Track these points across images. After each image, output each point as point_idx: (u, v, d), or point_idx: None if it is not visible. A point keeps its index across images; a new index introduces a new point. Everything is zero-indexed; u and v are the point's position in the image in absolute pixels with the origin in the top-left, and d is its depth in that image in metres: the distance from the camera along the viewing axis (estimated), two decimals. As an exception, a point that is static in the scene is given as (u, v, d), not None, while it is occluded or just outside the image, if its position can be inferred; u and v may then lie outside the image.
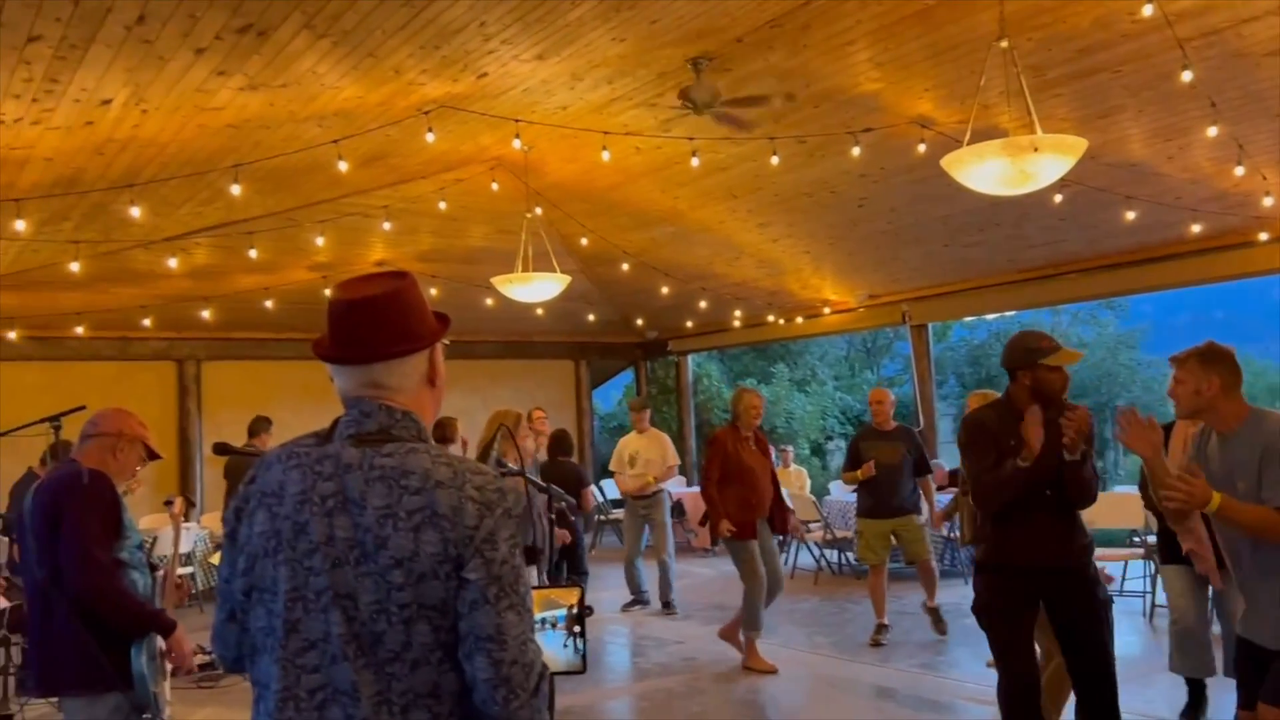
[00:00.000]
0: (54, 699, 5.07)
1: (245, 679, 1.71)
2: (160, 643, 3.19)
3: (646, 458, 8.94)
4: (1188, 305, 35.17)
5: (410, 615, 1.53)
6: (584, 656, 2.38)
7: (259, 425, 9.17)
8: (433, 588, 1.53)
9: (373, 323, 1.66)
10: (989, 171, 4.51)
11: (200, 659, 6.79)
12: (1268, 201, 7.15)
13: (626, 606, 8.73)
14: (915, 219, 8.67)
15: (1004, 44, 4.59)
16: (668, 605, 8.59)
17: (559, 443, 8.19)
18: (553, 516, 3.10)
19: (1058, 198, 7.20)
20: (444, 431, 8.17)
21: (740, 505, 6.48)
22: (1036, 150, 4.34)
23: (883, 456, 7.11)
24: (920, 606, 7.33)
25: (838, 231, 9.31)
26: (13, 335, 9.62)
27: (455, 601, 1.54)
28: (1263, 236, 7.78)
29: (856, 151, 6.86)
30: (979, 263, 9.52)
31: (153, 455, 3.42)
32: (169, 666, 3.31)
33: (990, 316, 15.81)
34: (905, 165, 7.38)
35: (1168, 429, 4.10)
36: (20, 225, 6.34)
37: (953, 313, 11.67)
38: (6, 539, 6.74)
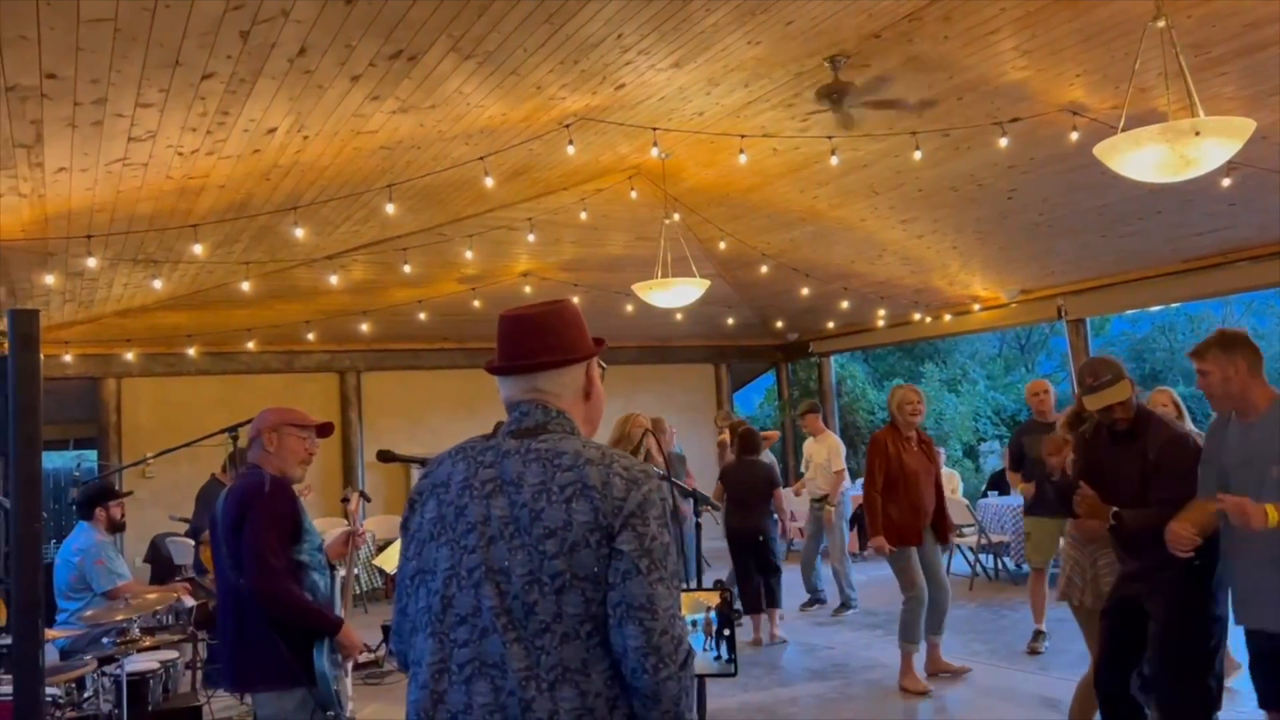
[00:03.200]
0: (242, 692, 5.44)
1: (407, 675, 1.81)
2: (334, 642, 3.38)
3: (818, 462, 8.93)
4: (1380, 290, 32.46)
5: (562, 584, 1.60)
6: (734, 660, 2.40)
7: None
8: (584, 557, 1.60)
9: (534, 335, 1.80)
10: (1146, 158, 4.30)
11: (364, 656, 7.14)
12: None
13: (805, 606, 8.76)
14: (1069, 209, 8.31)
15: (1161, 23, 4.37)
16: (845, 605, 8.58)
17: (746, 442, 8.01)
18: (699, 522, 3.13)
19: (1226, 181, 6.79)
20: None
21: (901, 511, 6.21)
22: (1198, 134, 4.11)
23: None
24: None
25: (986, 225, 9.03)
26: (191, 352, 10.34)
27: (606, 572, 1.61)
28: None
29: (1004, 142, 6.65)
30: (1139, 253, 9.04)
31: (320, 431, 3.61)
32: (348, 664, 3.50)
33: (1153, 309, 15.00)
34: (1056, 154, 7.10)
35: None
36: (198, 249, 6.82)
37: (1112, 306, 11.10)
38: (193, 542, 7.24)
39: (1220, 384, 3.29)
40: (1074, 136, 6.44)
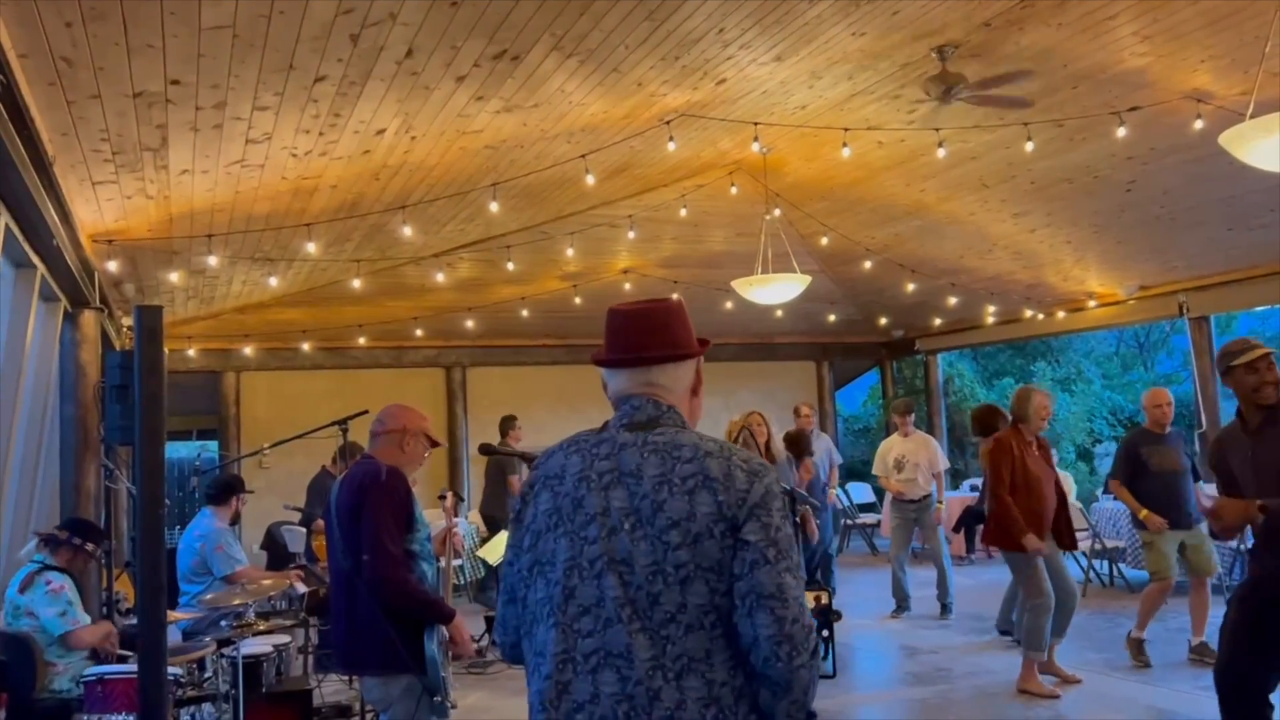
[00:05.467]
0: (350, 677, 5.61)
1: (512, 667, 1.84)
2: (443, 630, 3.46)
3: (914, 461, 8.69)
4: None
5: (687, 574, 1.60)
6: (833, 661, 2.36)
7: (507, 424, 9.72)
8: (708, 548, 1.60)
9: (648, 330, 1.82)
10: (1277, 147, 4.07)
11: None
12: None
13: (894, 614, 8.52)
14: (1192, 202, 7.93)
15: (1296, 3, 4.13)
16: (946, 608, 8.37)
17: (795, 443, 8.01)
18: (797, 520, 3.09)
19: (1367, 169, 6.37)
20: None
21: (1025, 515, 6.03)
22: (1337, 119, 3.87)
23: (1166, 462, 6.54)
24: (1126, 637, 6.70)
25: (1102, 219, 8.68)
26: (305, 347, 10.71)
27: (732, 563, 1.61)
28: None
29: (1122, 132, 6.39)
30: (1269, 246, 8.56)
31: (434, 443, 3.72)
32: (456, 652, 3.58)
33: (1285, 305, 14.20)
34: (1179, 144, 6.78)
35: None
36: (311, 247, 7.05)
37: (1239, 303, 10.54)
38: (305, 530, 7.50)
39: None
40: (1198, 125, 6.14)
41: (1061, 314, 11.13)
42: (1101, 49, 5.75)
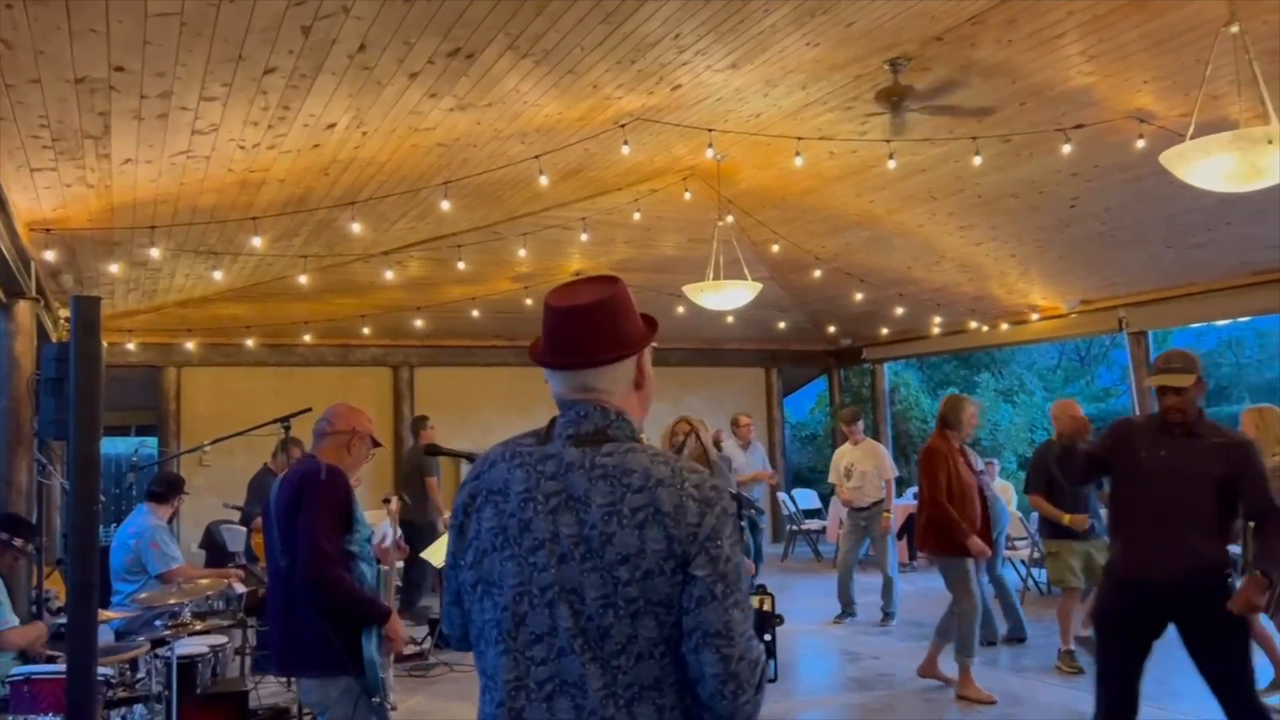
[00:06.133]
0: (288, 679, 5.52)
1: (454, 670, 1.82)
2: (382, 631, 3.41)
3: (862, 469, 8.79)
4: None
5: (637, 610, 1.57)
6: (774, 664, 2.37)
7: (420, 424, 9.56)
8: (658, 584, 1.57)
9: (586, 329, 1.72)
10: (1216, 167, 4.19)
11: (410, 648, 7.20)
12: None
13: (838, 618, 8.62)
14: (1133, 219, 8.13)
15: (1234, 29, 4.26)
16: (888, 615, 8.47)
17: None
18: (743, 525, 3.10)
19: (1299, 192, 6.58)
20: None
21: (969, 520, 6.19)
22: (1271, 143, 3.99)
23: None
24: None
25: (1046, 234, 8.86)
26: (250, 343, 10.53)
27: (680, 597, 1.58)
28: None
29: (1067, 149, 6.52)
30: (1206, 264, 8.81)
31: (375, 444, 3.68)
32: (392, 656, 3.54)
33: (1220, 323, 14.62)
34: (1121, 162, 6.95)
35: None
36: (257, 241, 6.94)
37: (1176, 319, 10.82)
38: (244, 529, 7.37)
39: None
40: (1140, 144, 6.29)
41: (1005, 326, 11.33)
42: (1049, 67, 5.87)
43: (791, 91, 6.26)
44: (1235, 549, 4.36)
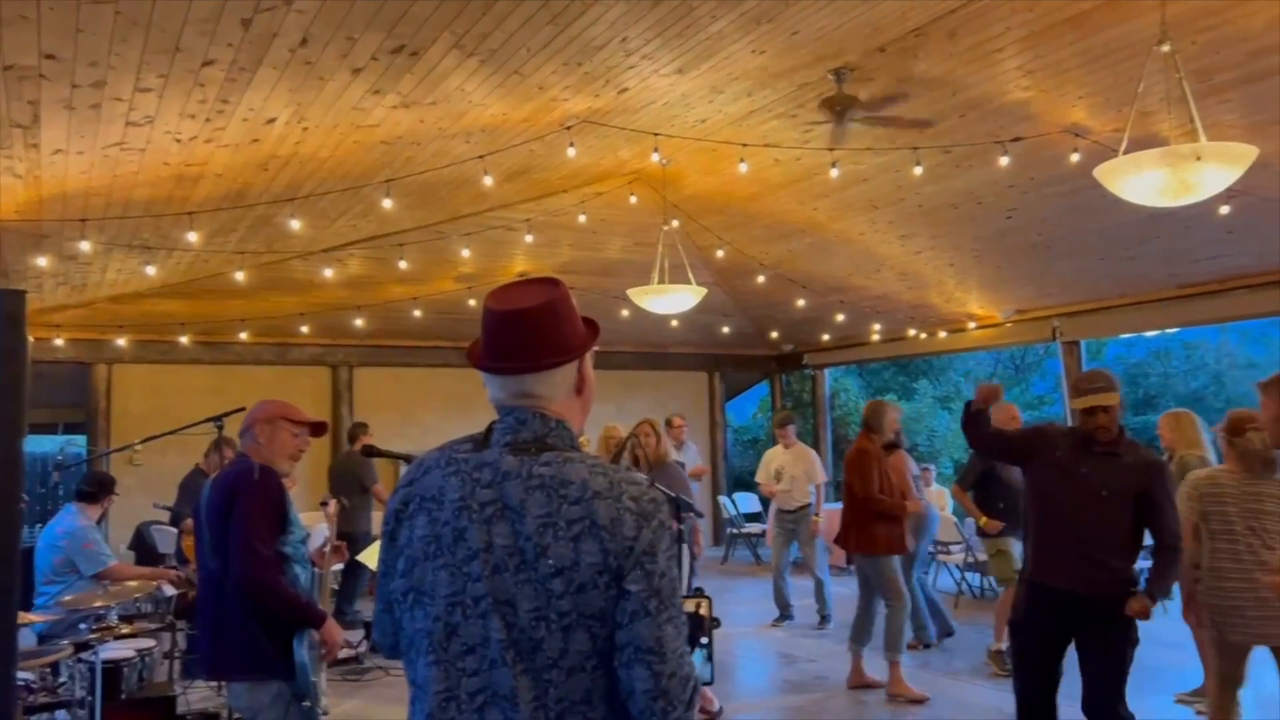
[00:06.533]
0: (218, 683, 5.40)
1: (389, 674, 1.79)
2: (314, 634, 3.36)
3: (792, 473, 8.87)
4: (1375, 324, 32.56)
5: (569, 623, 1.55)
6: (711, 667, 2.38)
7: (359, 430, 9.44)
8: (592, 597, 1.55)
9: (526, 334, 1.69)
10: (1147, 182, 4.30)
11: (346, 652, 7.10)
12: None
13: (776, 622, 8.68)
14: (1067, 231, 8.32)
15: (1165, 48, 4.37)
16: (825, 618, 8.55)
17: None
18: (681, 528, 3.11)
19: (1225, 209, 6.79)
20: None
21: (887, 520, 6.42)
22: (1199, 159, 4.11)
23: (1015, 473, 6.92)
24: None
25: (984, 244, 9.03)
26: (184, 340, 10.30)
27: (614, 611, 1.56)
28: None
29: (1005, 161, 6.65)
30: (1137, 277, 9.05)
31: (316, 430, 3.58)
32: (325, 656, 3.47)
33: (1149, 334, 15.01)
34: (1057, 175, 7.10)
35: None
36: (192, 237, 6.79)
37: (1108, 329, 11.10)
38: (175, 530, 7.21)
39: (1272, 423, 3.32)
40: (1075, 158, 6.44)
41: (943, 334, 11.52)
42: (988, 80, 5.99)
43: (737, 98, 6.30)
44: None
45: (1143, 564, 4.46)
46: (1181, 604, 4.71)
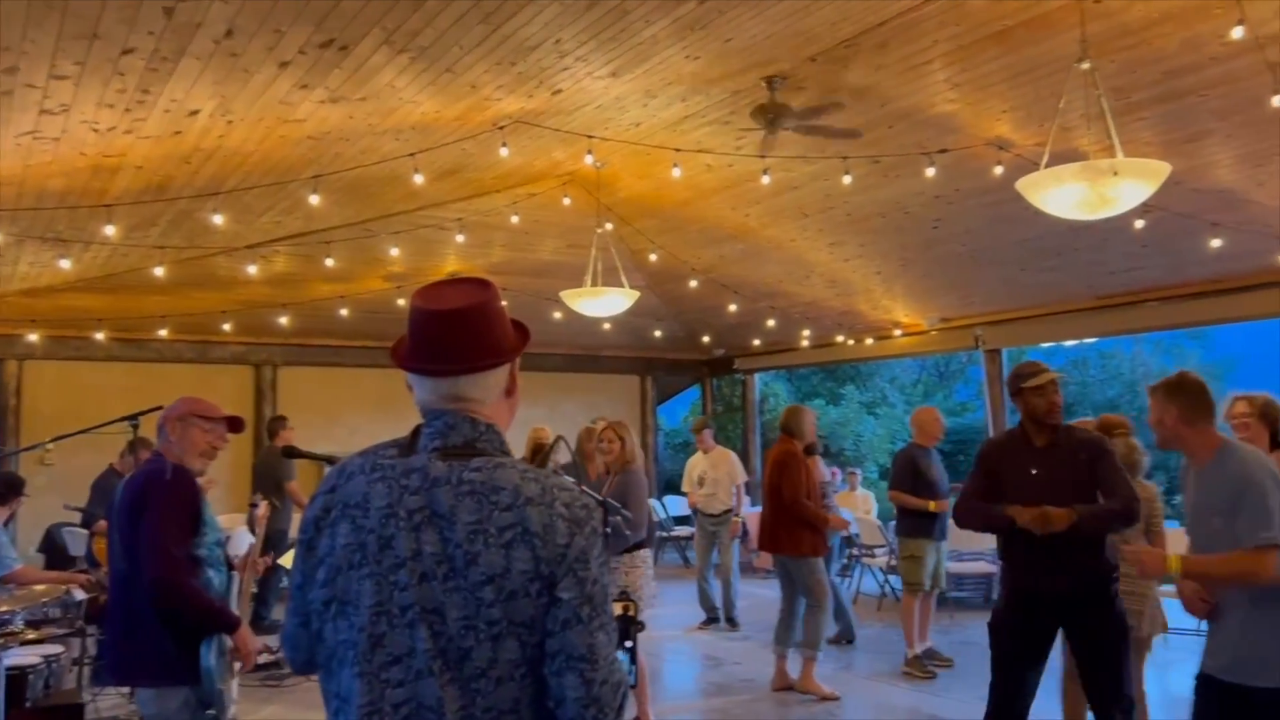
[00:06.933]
0: (127, 689, 5.23)
1: (309, 679, 1.74)
2: (225, 640, 3.27)
3: (714, 477, 8.93)
4: (1277, 338, 33.94)
5: (499, 632, 1.52)
6: (634, 671, 2.37)
7: (278, 425, 9.25)
8: (523, 605, 1.53)
9: (459, 335, 1.65)
10: (1066, 195, 4.42)
11: (265, 657, 6.95)
12: (1364, 231, 6.87)
13: (704, 624, 8.72)
14: (991, 242, 8.51)
15: (1085, 65, 4.50)
16: (731, 620, 8.61)
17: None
18: (608, 530, 3.10)
19: (1140, 223, 7.01)
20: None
21: (819, 520, 6.53)
22: (1116, 174, 4.24)
23: (936, 475, 7.13)
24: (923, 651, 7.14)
25: (910, 253, 9.20)
26: (100, 336, 9.98)
27: (545, 619, 1.54)
28: (1357, 268, 7.48)
29: (931, 172, 6.78)
30: (1056, 288, 9.30)
31: (233, 426, 3.48)
32: (236, 664, 3.38)
33: (1068, 344, 15.45)
34: (981, 187, 7.26)
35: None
36: (110, 230, 6.58)
37: (1028, 338, 11.40)
38: (87, 532, 6.97)
39: (1156, 426, 3.38)
40: (998, 171, 6.59)
41: (870, 341, 11.70)
42: (917, 92, 6.10)
43: (671, 103, 6.32)
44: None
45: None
46: None
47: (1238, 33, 4.63)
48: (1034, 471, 4.08)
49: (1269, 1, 4.68)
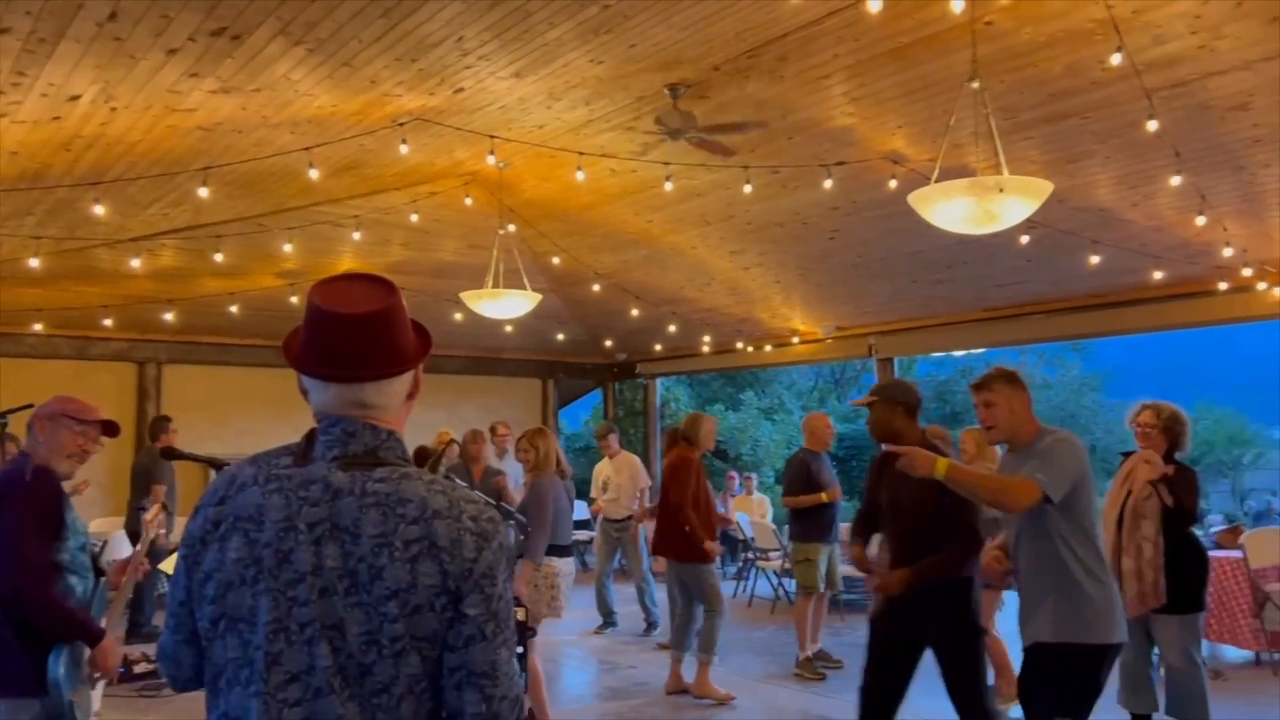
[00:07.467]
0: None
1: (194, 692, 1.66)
2: (81, 650, 3.11)
3: (618, 482, 8.93)
4: (1152, 351, 35.70)
5: (402, 647, 1.49)
6: (524, 677, 2.36)
7: (160, 426, 8.90)
8: (427, 619, 1.49)
9: (365, 341, 1.58)
10: (955, 210, 4.55)
11: (144, 666, 6.68)
12: (1227, 252, 7.27)
13: (599, 629, 8.70)
14: (885, 254, 8.73)
15: (975, 85, 4.64)
16: (651, 625, 8.63)
17: (420, 459, 7.99)
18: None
19: (1025, 239, 7.29)
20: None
21: (708, 528, 6.53)
22: (1001, 191, 4.39)
23: (828, 479, 7.28)
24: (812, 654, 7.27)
25: (808, 262, 9.37)
26: (-31, 329, 9.47)
27: (448, 633, 1.51)
28: (1222, 286, 7.91)
29: (829, 184, 6.92)
30: (946, 300, 9.60)
31: (108, 430, 3.30)
32: (97, 676, 3.22)
33: (958, 354, 15.96)
34: (876, 200, 7.44)
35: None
36: (-19, 218, 6.26)
37: (919, 348, 11.75)
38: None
39: (1006, 416, 3.52)
40: (893, 184, 6.76)
41: (769, 347, 11.88)
42: (816, 105, 6.22)
43: (575, 106, 6.31)
44: None
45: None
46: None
47: (1117, 59, 4.84)
48: (891, 485, 4.20)
49: (1146, 30, 4.92)
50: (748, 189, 7.17)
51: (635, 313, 11.11)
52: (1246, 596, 7.17)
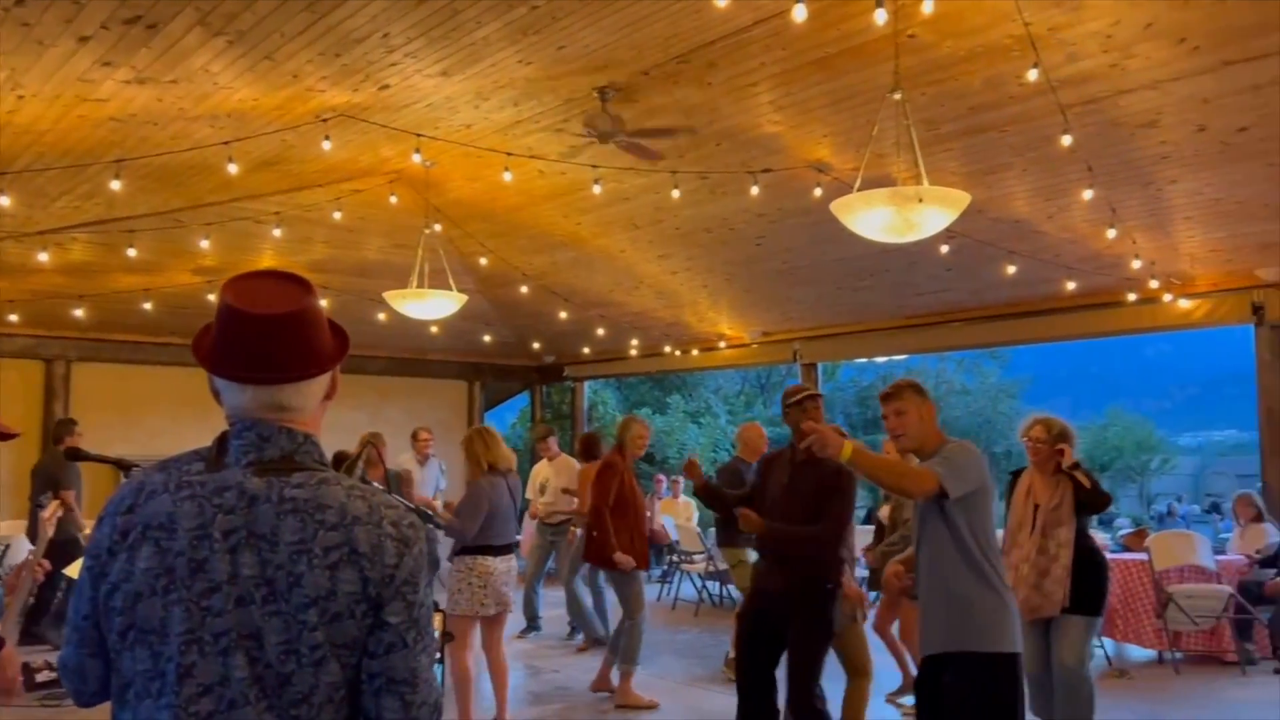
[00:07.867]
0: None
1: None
2: None
3: (555, 485, 8.88)
4: (1066, 359, 36.86)
5: (322, 655, 1.45)
6: (442, 679, 2.33)
7: (65, 429, 8.57)
8: (347, 626, 1.46)
9: (281, 343, 1.54)
10: (876, 218, 4.64)
11: (46, 675, 6.43)
12: (1136, 264, 7.53)
13: (522, 633, 8.62)
14: (809, 260, 8.85)
15: (897, 96, 4.74)
16: (574, 629, 8.57)
17: (337, 463, 7.82)
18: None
19: (944, 248, 7.45)
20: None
21: (634, 535, 6.49)
22: (921, 201, 4.48)
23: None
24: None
25: (735, 268, 9.45)
26: None
27: (368, 640, 1.48)
28: (1131, 297, 8.19)
29: (755, 191, 6.98)
30: (869, 306, 9.77)
31: (4, 435, 3.15)
32: None
33: (879, 360, 16.25)
34: (801, 207, 7.53)
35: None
36: (-124, 207, 5.97)
37: (842, 354, 11.94)
38: None
39: (917, 424, 3.59)
40: (817, 192, 6.85)
41: (696, 352, 11.95)
42: (743, 112, 6.27)
43: (503, 106, 6.27)
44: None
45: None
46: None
47: (1033, 74, 4.98)
48: (785, 482, 4.51)
49: (1061, 48, 5.07)
50: (676, 194, 7.21)
51: (563, 315, 11.08)
52: (1151, 597, 7.43)
